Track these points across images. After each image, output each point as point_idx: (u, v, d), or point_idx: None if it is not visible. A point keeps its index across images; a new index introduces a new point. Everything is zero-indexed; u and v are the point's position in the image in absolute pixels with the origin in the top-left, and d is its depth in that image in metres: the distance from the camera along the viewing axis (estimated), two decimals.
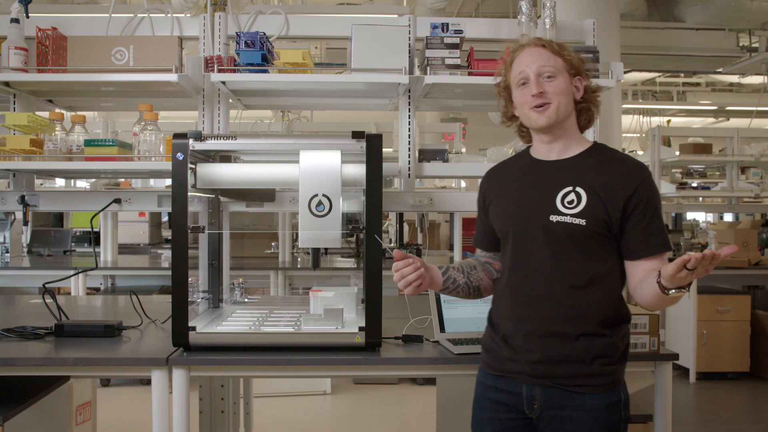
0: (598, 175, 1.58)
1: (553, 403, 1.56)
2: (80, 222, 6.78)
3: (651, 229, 1.56)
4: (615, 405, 1.56)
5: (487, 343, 1.71)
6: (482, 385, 1.70)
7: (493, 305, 1.73)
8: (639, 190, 1.55)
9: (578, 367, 1.54)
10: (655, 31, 7.53)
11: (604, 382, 1.55)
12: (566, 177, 1.60)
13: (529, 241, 1.59)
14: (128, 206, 2.53)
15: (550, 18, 2.55)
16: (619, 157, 1.65)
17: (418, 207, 2.57)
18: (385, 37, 2.48)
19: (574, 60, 1.63)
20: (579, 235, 1.55)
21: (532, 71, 1.59)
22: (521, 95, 1.63)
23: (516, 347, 1.60)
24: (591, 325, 1.55)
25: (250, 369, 2.00)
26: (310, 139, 2.98)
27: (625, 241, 1.57)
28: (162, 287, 4.83)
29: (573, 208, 1.56)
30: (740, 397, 4.79)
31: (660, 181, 5.81)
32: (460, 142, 6.49)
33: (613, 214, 1.54)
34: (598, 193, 1.55)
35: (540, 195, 1.61)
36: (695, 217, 11.28)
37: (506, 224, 1.65)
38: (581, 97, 1.65)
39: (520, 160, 1.74)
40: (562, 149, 1.65)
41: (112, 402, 4.32)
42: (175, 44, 2.43)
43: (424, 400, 4.44)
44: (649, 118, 11.68)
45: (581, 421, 1.54)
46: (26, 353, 1.98)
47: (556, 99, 1.59)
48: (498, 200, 1.70)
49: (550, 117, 1.59)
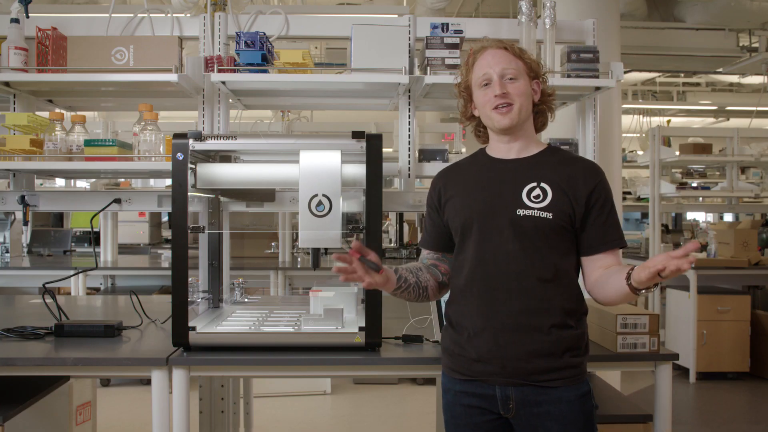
0: (559, 171, 1.63)
1: (529, 400, 1.58)
2: (80, 222, 6.78)
3: (608, 226, 1.62)
4: (586, 395, 1.61)
5: (450, 346, 1.69)
6: (451, 392, 1.68)
7: (452, 305, 1.71)
8: (598, 187, 1.62)
9: (550, 361, 1.57)
10: (655, 31, 7.52)
11: (574, 374, 1.59)
12: (529, 173, 1.64)
13: (496, 236, 1.60)
14: (128, 206, 2.53)
15: (550, 18, 2.55)
16: (575, 157, 1.73)
17: (418, 207, 2.57)
18: (385, 37, 2.48)
19: (533, 63, 1.68)
20: (546, 228, 1.58)
21: (495, 72, 1.63)
22: (483, 95, 1.65)
23: (484, 346, 1.59)
24: (560, 317, 1.58)
25: (250, 369, 2.00)
26: (310, 139, 2.98)
27: (585, 236, 1.62)
28: (162, 287, 4.83)
29: (540, 202, 1.59)
30: (740, 397, 4.79)
31: (660, 181, 5.81)
32: (460, 142, 6.49)
33: (576, 209, 1.60)
34: (562, 188, 1.60)
35: (505, 190, 1.63)
36: (695, 217, 11.29)
37: (469, 219, 1.64)
38: (538, 100, 1.69)
39: (477, 160, 1.76)
40: (521, 149, 1.69)
41: (112, 402, 4.32)
42: (175, 44, 2.43)
43: (424, 400, 4.44)
44: (649, 118, 11.67)
45: (559, 414, 1.57)
46: (26, 353, 1.98)
47: (518, 100, 1.62)
48: (456, 198, 1.70)
49: (513, 118, 1.62)
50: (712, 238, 5.31)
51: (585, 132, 2.72)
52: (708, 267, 5.07)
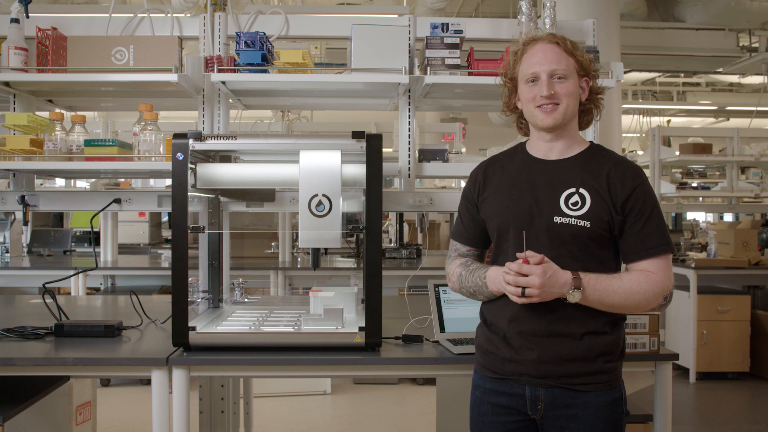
0: (598, 176, 1.58)
1: (559, 402, 1.56)
2: (80, 222, 6.78)
3: (647, 231, 1.56)
4: (617, 401, 1.58)
5: (483, 344, 1.68)
6: (481, 389, 1.67)
7: (488, 303, 1.69)
8: (636, 191, 1.56)
9: (583, 365, 1.55)
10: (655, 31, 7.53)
11: (607, 379, 1.57)
12: (568, 178, 1.59)
13: (532, 242, 1.57)
14: (128, 206, 2.53)
15: (550, 18, 2.55)
16: (617, 158, 1.65)
17: (418, 207, 2.57)
18: (385, 37, 2.48)
19: (585, 61, 1.62)
20: (583, 236, 1.54)
21: (545, 71, 1.58)
22: (529, 91, 1.61)
23: (517, 348, 1.59)
24: (594, 325, 1.56)
25: (250, 369, 1.99)
26: (310, 139, 2.97)
27: (623, 242, 1.58)
28: (162, 287, 4.83)
29: (577, 209, 1.55)
30: (740, 397, 4.79)
31: (660, 181, 5.81)
32: (460, 142, 6.50)
33: (615, 216, 1.55)
34: (601, 195, 1.55)
35: (542, 195, 1.59)
36: (695, 217, 11.29)
37: (505, 222, 1.62)
38: (585, 99, 1.65)
39: (516, 156, 1.71)
40: (563, 149, 1.64)
41: (112, 402, 4.32)
42: (175, 44, 2.43)
43: (424, 400, 4.44)
44: (649, 118, 11.68)
45: (587, 419, 1.55)
46: (26, 353, 1.98)
47: (564, 101, 1.58)
48: (494, 196, 1.67)
49: (557, 119, 1.58)
50: (712, 238, 5.31)
51: (585, 132, 2.72)
52: (708, 267, 5.07)
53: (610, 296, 1.52)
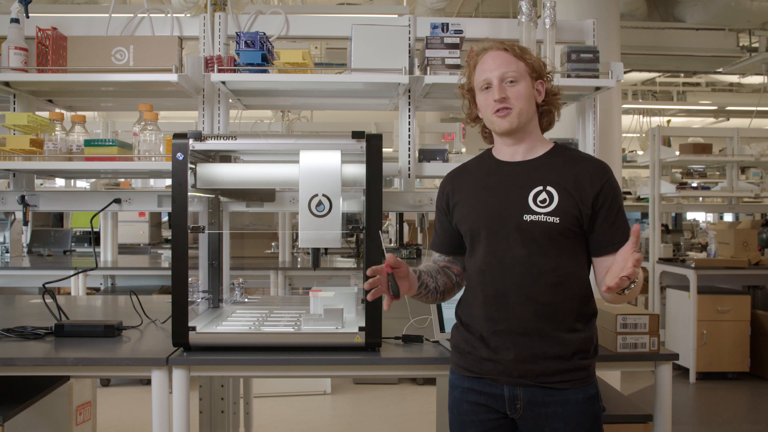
0: (565, 173, 1.61)
1: (537, 401, 1.58)
2: (80, 222, 6.78)
3: (617, 225, 1.60)
4: (594, 397, 1.61)
5: (460, 344, 1.70)
6: (459, 389, 1.68)
7: (462, 305, 1.72)
8: (605, 187, 1.60)
9: (559, 363, 1.57)
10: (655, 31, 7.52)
11: (583, 376, 1.59)
12: (535, 177, 1.63)
13: (503, 241, 1.60)
14: (128, 206, 2.53)
15: (550, 18, 2.55)
16: (582, 156, 1.70)
17: (418, 207, 2.57)
18: (385, 37, 2.48)
19: (536, 64, 1.66)
20: (553, 232, 1.57)
21: (495, 76, 1.62)
22: (484, 99, 1.65)
23: (494, 347, 1.60)
24: (568, 322, 1.58)
25: (250, 369, 1.99)
26: (310, 139, 2.97)
27: (594, 237, 1.61)
28: (162, 287, 4.83)
29: (546, 206, 1.58)
30: (740, 397, 4.79)
31: (660, 181, 5.81)
32: (460, 142, 6.50)
33: (583, 210, 1.58)
34: (568, 191, 1.59)
35: (510, 195, 1.62)
36: (695, 217, 11.30)
37: (476, 224, 1.65)
38: (542, 100, 1.68)
39: (483, 162, 1.75)
40: (526, 151, 1.68)
41: (112, 402, 4.32)
42: (175, 44, 2.43)
43: (424, 400, 4.45)
44: (649, 118, 11.68)
45: (566, 416, 1.57)
46: (26, 353, 1.98)
47: (517, 104, 1.61)
48: (464, 202, 1.70)
49: (512, 122, 1.62)
50: (712, 238, 5.31)
51: (585, 132, 2.72)
52: (708, 267, 5.07)
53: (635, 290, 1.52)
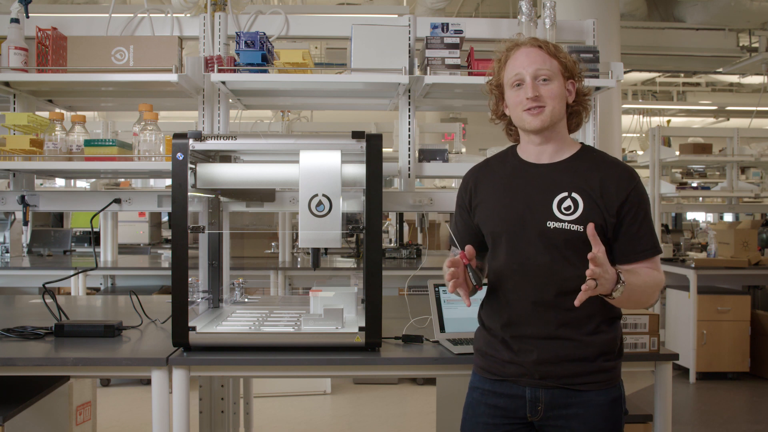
0: (590, 178, 1.58)
1: (559, 403, 1.56)
2: (80, 222, 6.78)
3: (641, 234, 1.57)
4: (617, 400, 1.59)
5: (482, 347, 1.68)
6: (479, 390, 1.67)
7: (485, 307, 1.70)
8: (631, 195, 1.56)
9: (583, 365, 1.55)
10: (655, 31, 7.53)
11: (607, 378, 1.57)
12: (560, 182, 1.59)
13: (525, 247, 1.58)
14: (128, 206, 2.53)
15: (550, 18, 2.55)
16: (610, 160, 1.65)
17: (418, 207, 2.57)
18: (385, 37, 2.48)
19: (569, 63, 1.63)
20: (576, 241, 1.54)
21: (528, 73, 1.58)
22: (515, 96, 1.61)
23: (516, 350, 1.59)
24: (592, 325, 1.56)
25: (250, 369, 1.99)
26: (310, 139, 2.98)
27: (618, 245, 1.58)
28: (162, 287, 4.83)
29: (570, 214, 1.55)
30: (740, 397, 4.79)
31: (660, 181, 5.81)
32: (460, 142, 6.50)
33: (608, 219, 1.55)
34: (594, 199, 1.55)
35: (535, 200, 1.59)
36: (695, 217, 11.30)
37: (498, 228, 1.62)
38: (573, 101, 1.65)
39: (507, 161, 1.71)
40: (553, 152, 1.64)
41: (112, 402, 4.32)
42: (175, 44, 2.43)
43: (424, 400, 4.44)
44: (649, 118, 11.69)
45: (588, 418, 1.55)
46: (26, 353, 1.98)
47: (550, 103, 1.58)
48: (487, 202, 1.67)
49: (544, 121, 1.58)
50: (712, 238, 5.31)
51: (585, 132, 2.72)
52: (708, 267, 5.07)
53: (637, 293, 1.51)
